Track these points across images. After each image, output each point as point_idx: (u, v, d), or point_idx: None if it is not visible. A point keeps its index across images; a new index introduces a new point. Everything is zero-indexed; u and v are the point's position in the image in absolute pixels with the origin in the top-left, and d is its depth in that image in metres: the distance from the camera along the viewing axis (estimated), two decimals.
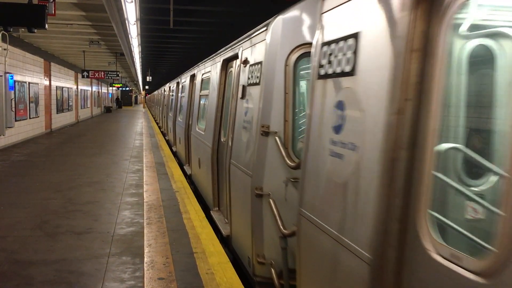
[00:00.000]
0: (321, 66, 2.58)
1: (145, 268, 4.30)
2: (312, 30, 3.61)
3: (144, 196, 7.28)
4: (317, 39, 2.68)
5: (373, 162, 1.93)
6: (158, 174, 9.31)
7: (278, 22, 3.92)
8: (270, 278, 3.78)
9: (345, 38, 2.29)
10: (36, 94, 17.24)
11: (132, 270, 4.29)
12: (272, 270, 3.77)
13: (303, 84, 4.07)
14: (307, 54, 3.67)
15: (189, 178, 9.13)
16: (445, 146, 1.79)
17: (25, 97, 15.72)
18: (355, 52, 2.16)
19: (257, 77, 4.10)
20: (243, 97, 4.55)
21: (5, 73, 12.87)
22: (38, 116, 17.76)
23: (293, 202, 3.19)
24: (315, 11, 3.13)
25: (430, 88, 1.70)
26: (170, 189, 7.83)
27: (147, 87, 63.54)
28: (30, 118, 16.45)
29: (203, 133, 7.23)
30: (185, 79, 11.14)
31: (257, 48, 4.28)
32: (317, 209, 2.52)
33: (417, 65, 1.74)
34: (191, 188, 8.10)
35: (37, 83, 17.50)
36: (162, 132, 19.70)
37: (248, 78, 4.42)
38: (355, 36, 2.19)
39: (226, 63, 6.09)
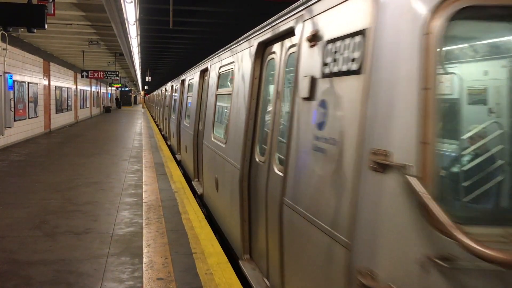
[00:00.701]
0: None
1: (144, 268, 4.30)
2: None
3: (143, 197, 7.28)
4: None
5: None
6: (157, 174, 9.31)
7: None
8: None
9: None
10: (35, 94, 17.22)
11: (131, 270, 4.29)
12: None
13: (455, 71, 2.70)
14: (468, 11, 1.97)
15: (199, 198, 7.31)
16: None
17: (24, 97, 15.71)
18: None
19: (353, 60, 2.28)
20: (311, 97, 2.74)
21: (5, 73, 12.85)
22: (37, 116, 17.74)
23: None
24: None
25: None
26: (169, 189, 7.83)
27: (146, 87, 63.54)
28: (29, 118, 16.43)
29: (223, 145, 5.32)
30: (192, 76, 9.65)
31: (349, 9, 2.42)
32: (299, 198, 2.66)
33: None
34: (202, 211, 6.45)
35: (36, 83, 17.49)
36: (163, 135, 18.47)
37: (326, 65, 2.59)
38: None
39: (263, 48, 4.25)
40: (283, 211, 3.03)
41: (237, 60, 5.12)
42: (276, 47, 3.86)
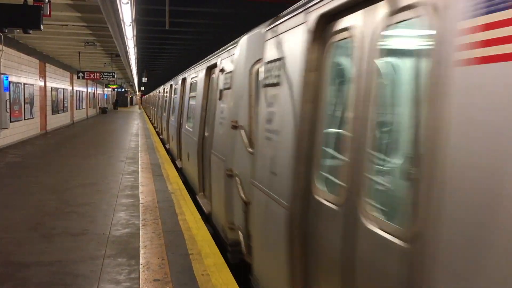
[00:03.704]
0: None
1: (140, 269, 4.29)
2: None
3: (140, 198, 7.28)
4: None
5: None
6: (154, 175, 9.30)
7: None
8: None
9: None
10: (31, 95, 17.18)
11: (127, 271, 4.29)
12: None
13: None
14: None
15: (205, 216, 6.35)
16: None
17: (20, 98, 15.67)
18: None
19: (228, 83, 5.20)
20: (220, 98, 5.56)
21: (0, 74, 12.82)
22: (33, 117, 17.69)
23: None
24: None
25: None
26: (166, 190, 7.83)
27: (143, 88, 63.46)
28: (25, 119, 16.39)
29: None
30: (196, 73, 8.37)
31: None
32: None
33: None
34: (210, 232, 5.59)
35: (32, 84, 17.44)
36: (161, 139, 17.19)
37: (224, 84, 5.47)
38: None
39: (210, 71, 7.17)
40: (211, 158, 5.95)
41: (199, 75, 8.08)
42: (215, 71, 6.81)
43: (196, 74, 8.59)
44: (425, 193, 1.62)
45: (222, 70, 5.71)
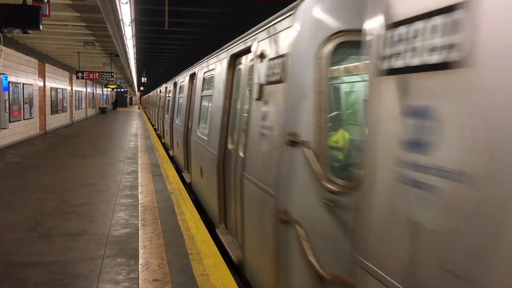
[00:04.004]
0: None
1: (140, 269, 4.29)
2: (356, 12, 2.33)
3: (139, 198, 7.27)
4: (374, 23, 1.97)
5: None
6: (153, 175, 9.30)
7: (309, 3, 3.05)
8: None
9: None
10: (31, 95, 17.17)
11: (127, 271, 4.29)
12: None
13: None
14: (347, 44, 2.70)
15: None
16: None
17: (20, 98, 15.66)
18: None
19: (277, 73, 3.40)
20: (259, 97, 3.75)
21: None
22: (33, 117, 17.68)
23: (333, 235, 2.51)
24: None
25: None
26: (165, 190, 7.83)
27: (142, 88, 63.45)
28: (24, 119, 16.38)
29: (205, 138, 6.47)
30: (214, 65, 6.76)
31: (275, 39, 3.62)
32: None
33: None
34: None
35: (32, 84, 17.43)
36: (163, 143, 15.46)
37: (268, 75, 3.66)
38: None
39: (234, 60, 5.34)
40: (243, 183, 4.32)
41: (217, 66, 6.86)
42: (241, 59, 5.50)
43: (212, 66, 6.66)
44: None
45: (261, 56, 3.90)
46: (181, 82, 11.33)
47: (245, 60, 4.78)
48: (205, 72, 7.53)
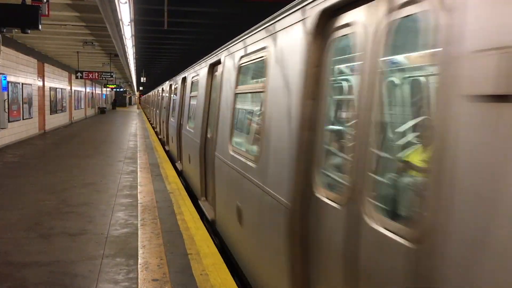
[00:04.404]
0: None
1: (139, 269, 4.29)
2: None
3: (138, 198, 7.27)
4: None
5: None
6: (153, 175, 9.30)
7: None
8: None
9: None
10: (30, 95, 17.16)
11: (126, 271, 4.29)
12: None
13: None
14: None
15: (208, 223, 6.16)
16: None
17: (19, 98, 15.65)
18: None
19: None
20: None
21: None
22: (32, 117, 17.67)
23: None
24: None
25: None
26: (165, 190, 7.83)
27: (141, 88, 63.43)
28: (23, 119, 16.37)
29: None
30: (200, 69, 7.04)
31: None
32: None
33: None
34: (213, 241, 5.18)
35: (31, 84, 17.42)
36: (167, 151, 13.50)
37: None
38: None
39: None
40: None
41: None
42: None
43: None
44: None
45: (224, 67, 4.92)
46: (192, 77, 10.08)
47: (218, 69, 6.07)
48: (192, 77, 8.71)
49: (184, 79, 10.36)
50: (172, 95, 13.09)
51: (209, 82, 6.82)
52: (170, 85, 14.01)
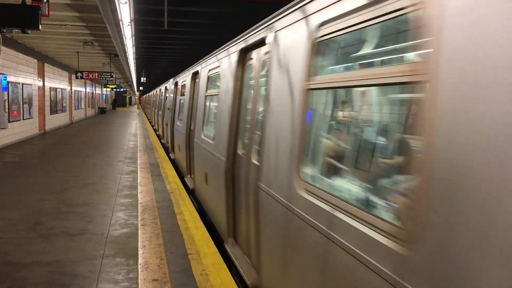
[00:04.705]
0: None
1: (139, 269, 4.29)
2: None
3: (138, 198, 7.27)
4: None
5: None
6: (153, 175, 9.30)
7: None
8: None
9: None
10: (30, 95, 17.15)
11: (126, 271, 4.28)
12: None
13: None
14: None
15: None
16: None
17: (19, 98, 15.64)
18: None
19: None
20: None
21: None
22: (32, 117, 17.67)
23: None
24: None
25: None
26: (165, 190, 7.82)
27: (141, 88, 63.43)
28: (23, 119, 16.37)
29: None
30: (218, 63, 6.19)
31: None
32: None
33: None
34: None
35: (31, 84, 17.42)
36: (172, 160, 11.79)
37: None
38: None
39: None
40: None
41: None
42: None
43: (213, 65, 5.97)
44: None
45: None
46: (182, 82, 10.44)
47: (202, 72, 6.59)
48: (210, 70, 7.16)
49: (195, 74, 8.57)
50: (178, 95, 11.43)
51: (192, 85, 7.16)
52: (176, 83, 12.13)
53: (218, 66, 5.85)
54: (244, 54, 4.83)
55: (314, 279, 2.58)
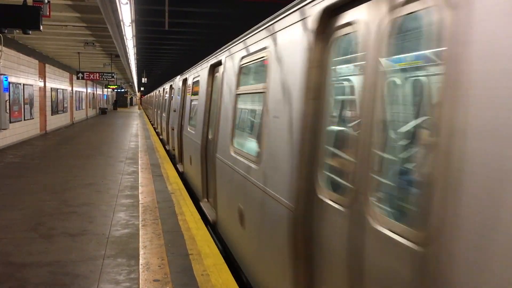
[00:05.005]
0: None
1: (140, 269, 4.29)
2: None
3: (140, 198, 7.27)
4: None
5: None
6: (154, 175, 9.30)
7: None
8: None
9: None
10: (31, 95, 17.17)
11: (127, 272, 4.28)
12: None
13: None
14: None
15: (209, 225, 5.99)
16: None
17: (20, 99, 15.66)
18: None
19: None
20: None
21: (0, 74, 12.83)
22: (33, 118, 17.68)
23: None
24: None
25: None
26: (166, 190, 7.83)
27: (142, 88, 63.46)
28: (24, 119, 16.38)
29: None
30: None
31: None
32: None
33: None
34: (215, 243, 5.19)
35: (32, 85, 17.44)
36: (181, 174, 9.86)
37: None
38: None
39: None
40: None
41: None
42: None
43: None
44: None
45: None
46: (194, 77, 8.89)
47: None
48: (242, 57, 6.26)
49: (215, 67, 6.55)
50: (187, 94, 9.50)
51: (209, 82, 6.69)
52: (185, 80, 10.20)
53: (213, 67, 5.69)
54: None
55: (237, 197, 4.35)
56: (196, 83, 8.33)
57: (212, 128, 6.29)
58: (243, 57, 4.71)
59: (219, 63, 6.15)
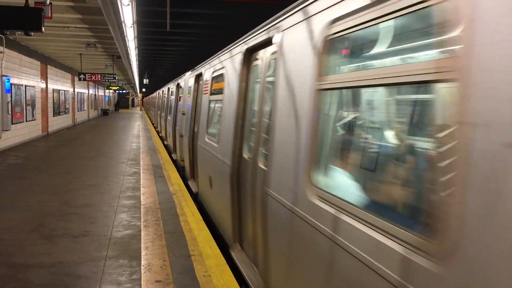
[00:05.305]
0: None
1: (142, 271, 4.29)
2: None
3: (141, 199, 7.28)
4: None
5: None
6: (155, 176, 9.30)
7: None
8: None
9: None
10: (33, 97, 17.20)
11: (129, 273, 4.29)
12: None
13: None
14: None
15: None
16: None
17: (22, 100, 15.69)
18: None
19: None
20: None
21: (2, 76, 12.86)
22: (35, 119, 17.71)
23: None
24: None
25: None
26: (167, 191, 7.83)
27: (144, 89, 63.54)
28: (26, 121, 16.41)
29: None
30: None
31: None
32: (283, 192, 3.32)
33: None
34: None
35: (34, 86, 17.47)
36: (190, 190, 8.35)
37: None
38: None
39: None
40: None
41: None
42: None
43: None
44: None
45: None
46: (210, 73, 7.08)
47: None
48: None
49: (251, 52, 4.60)
50: (201, 93, 7.58)
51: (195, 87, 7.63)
52: (198, 76, 8.38)
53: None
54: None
55: None
56: (218, 77, 6.37)
57: (250, 142, 4.40)
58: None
59: (264, 44, 4.08)
